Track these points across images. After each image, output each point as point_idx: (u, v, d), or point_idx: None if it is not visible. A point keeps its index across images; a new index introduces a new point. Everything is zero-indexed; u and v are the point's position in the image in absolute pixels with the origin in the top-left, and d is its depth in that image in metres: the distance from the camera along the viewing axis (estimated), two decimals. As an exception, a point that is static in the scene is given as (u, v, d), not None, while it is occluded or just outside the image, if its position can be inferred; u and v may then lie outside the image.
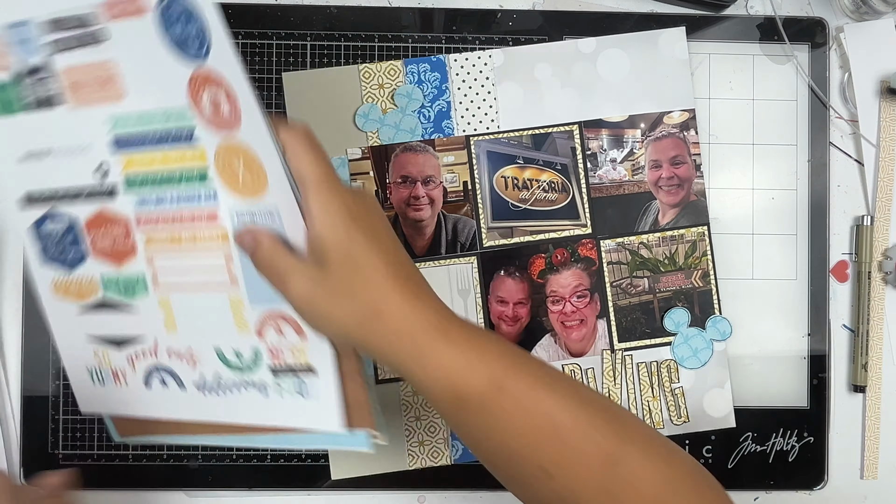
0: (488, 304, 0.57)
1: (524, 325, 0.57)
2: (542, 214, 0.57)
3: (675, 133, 0.58)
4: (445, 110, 0.57)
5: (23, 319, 0.56)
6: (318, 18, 0.58)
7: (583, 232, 0.58)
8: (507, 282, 0.57)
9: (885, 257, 0.59)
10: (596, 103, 0.58)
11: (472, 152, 0.57)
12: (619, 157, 0.58)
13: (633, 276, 0.58)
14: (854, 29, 0.60)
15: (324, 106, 0.57)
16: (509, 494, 0.58)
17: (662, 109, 0.58)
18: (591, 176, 0.58)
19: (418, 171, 0.57)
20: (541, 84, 0.58)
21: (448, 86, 0.57)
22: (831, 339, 0.59)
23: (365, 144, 0.57)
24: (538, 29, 0.58)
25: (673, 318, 0.57)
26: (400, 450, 0.56)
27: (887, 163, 0.59)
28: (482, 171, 0.57)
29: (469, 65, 0.57)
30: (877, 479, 0.59)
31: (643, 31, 0.58)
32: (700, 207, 0.58)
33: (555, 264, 0.57)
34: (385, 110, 0.57)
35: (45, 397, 0.56)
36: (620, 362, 0.57)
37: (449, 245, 0.57)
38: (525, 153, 0.57)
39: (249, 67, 0.58)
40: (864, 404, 0.59)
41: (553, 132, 0.57)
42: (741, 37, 0.60)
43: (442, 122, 0.57)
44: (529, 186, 0.57)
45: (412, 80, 0.57)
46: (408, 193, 0.57)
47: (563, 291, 0.57)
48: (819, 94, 0.59)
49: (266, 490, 0.57)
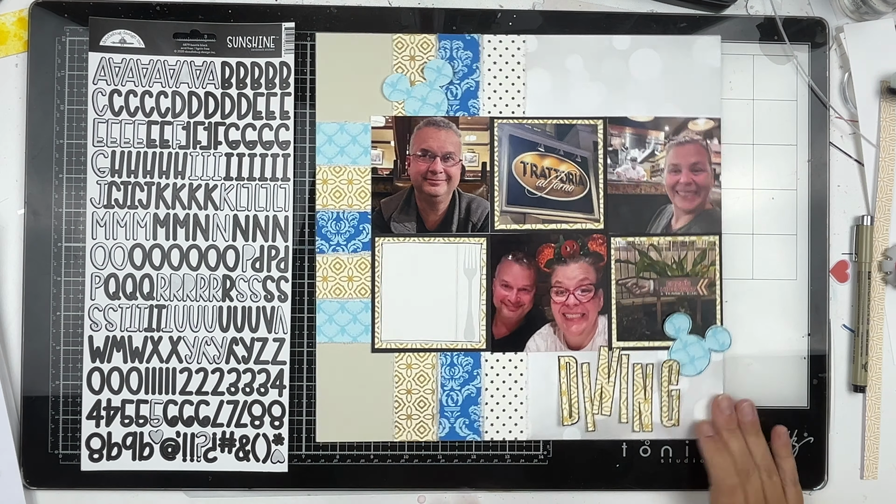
0: (493, 286, 0.57)
1: (525, 312, 0.57)
2: (556, 204, 0.57)
3: (698, 140, 0.58)
4: (473, 89, 0.57)
5: (23, 319, 0.56)
6: (318, 18, 0.58)
7: (595, 227, 0.58)
8: (513, 267, 0.57)
9: (885, 257, 0.59)
10: (623, 101, 0.58)
11: (495, 134, 0.57)
12: (639, 156, 0.58)
13: (640, 276, 0.58)
14: (854, 29, 0.60)
15: (353, 70, 0.57)
16: (509, 495, 0.58)
17: (688, 115, 0.58)
18: (610, 172, 0.58)
19: (439, 147, 0.57)
20: (570, 75, 0.58)
21: (479, 66, 0.57)
22: (831, 339, 0.59)
23: (389, 114, 0.57)
24: (538, 29, 0.58)
25: (674, 323, 0.57)
26: (387, 420, 0.57)
27: (887, 163, 0.59)
28: (502, 153, 0.57)
29: (502, 47, 0.58)
30: (877, 479, 0.59)
31: (679, 35, 0.58)
32: (714, 217, 0.58)
33: (563, 255, 0.57)
34: (413, 83, 0.57)
35: (45, 397, 0.56)
36: (616, 360, 0.57)
37: (461, 223, 0.57)
38: (547, 141, 0.57)
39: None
40: (864, 404, 0.59)
41: (577, 124, 0.58)
42: (741, 37, 0.59)
43: (468, 100, 0.57)
44: (547, 175, 0.57)
45: (444, 56, 0.57)
46: (426, 167, 0.57)
47: (568, 283, 0.57)
48: (819, 94, 0.59)
49: (266, 490, 0.57)
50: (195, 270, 0.56)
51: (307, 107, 0.57)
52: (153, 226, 0.56)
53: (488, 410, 0.57)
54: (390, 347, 0.57)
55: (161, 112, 0.56)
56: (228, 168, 0.56)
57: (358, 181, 0.57)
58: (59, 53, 0.57)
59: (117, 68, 0.56)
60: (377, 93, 0.57)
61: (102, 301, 0.56)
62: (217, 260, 0.56)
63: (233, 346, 0.56)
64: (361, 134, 0.57)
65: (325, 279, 0.57)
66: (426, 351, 0.57)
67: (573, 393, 0.57)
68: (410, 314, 0.57)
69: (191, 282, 0.56)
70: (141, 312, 0.56)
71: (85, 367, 0.56)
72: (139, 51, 0.56)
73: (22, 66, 0.57)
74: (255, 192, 0.56)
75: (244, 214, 0.56)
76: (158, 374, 0.56)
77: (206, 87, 0.56)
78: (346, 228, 0.57)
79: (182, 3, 0.57)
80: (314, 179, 0.57)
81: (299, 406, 0.57)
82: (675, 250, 0.58)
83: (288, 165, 0.56)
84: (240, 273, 0.56)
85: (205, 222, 0.56)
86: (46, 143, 0.56)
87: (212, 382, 0.56)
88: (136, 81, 0.56)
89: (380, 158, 0.57)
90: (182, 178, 0.56)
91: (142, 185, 0.56)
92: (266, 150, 0.56)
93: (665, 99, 0.58)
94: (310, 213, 0.57)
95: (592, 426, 0.57)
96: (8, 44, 0.57)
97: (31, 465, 0.56)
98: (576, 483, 0.58)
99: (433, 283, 0.57)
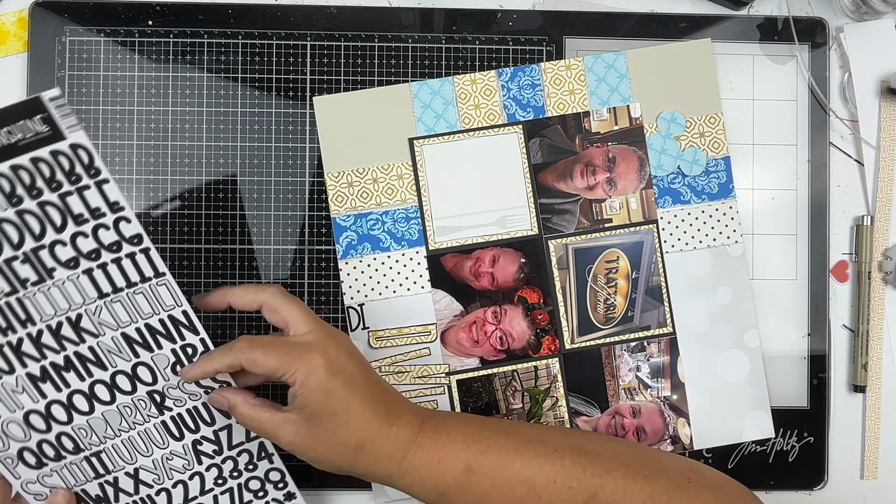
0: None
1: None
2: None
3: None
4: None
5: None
6: (318, 18, 0.58)
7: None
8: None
9: (885, 257, 0.59)
10: None
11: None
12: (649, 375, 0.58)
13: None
14: (854, 29, 0.60)
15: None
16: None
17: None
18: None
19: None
20: None
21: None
22: (831, 339, 0.59)
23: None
24: (538, 29, 0.58)
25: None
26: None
27: (887, 163, 0.59)
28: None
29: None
30: (877, 479, 0.59)
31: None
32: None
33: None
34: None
35: None
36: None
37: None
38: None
39: (250, 67, 0.58)
40: (864, 404, 0.59)
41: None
42: (741, 37, 0.59)
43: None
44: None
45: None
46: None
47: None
48: (819, 94, 0.59)
49: None
50: (112, 403, 0.47)
51: (307, 107, 0.57)
52: (33, 385, 0.45)
53: None
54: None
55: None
56: (82, 291, 0.45)
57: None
58: (59, 53, 0.57)
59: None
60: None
61: (30, 474, 0.47)
62: (131, 383, 0.47)
63: (197, 447, 0.49)
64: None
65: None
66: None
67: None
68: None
69: (115, 416, 0.47)
70: (79, 467, 0.47)
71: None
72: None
73: (22, 66, 0.57)
74: (132, 302, 0.46)
75: (133, 328, 0.46)
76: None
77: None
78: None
79: (182, 4, 0.57)
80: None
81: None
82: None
83: (154, 259, 0.45)
84: (164, 383, 0.47)
85: (92, 354, 0.46)
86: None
87: (195, 487, 0.50)
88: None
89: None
90: (33, 325, 0.45)
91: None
92: (115, 252, 0.45)
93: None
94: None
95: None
96: (8, 44, 0.57)
97: (31, 465, 0.56)
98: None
99: (480, 177, 0.58)
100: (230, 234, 0.57)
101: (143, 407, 0.48)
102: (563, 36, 0.58)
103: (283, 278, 0.57)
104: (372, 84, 0.58)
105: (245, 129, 0.58)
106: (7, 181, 0.42)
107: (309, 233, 0.57)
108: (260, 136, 0.58)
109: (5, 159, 0.42)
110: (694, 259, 0.58)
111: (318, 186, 0.58)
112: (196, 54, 0.57)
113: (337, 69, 0.58)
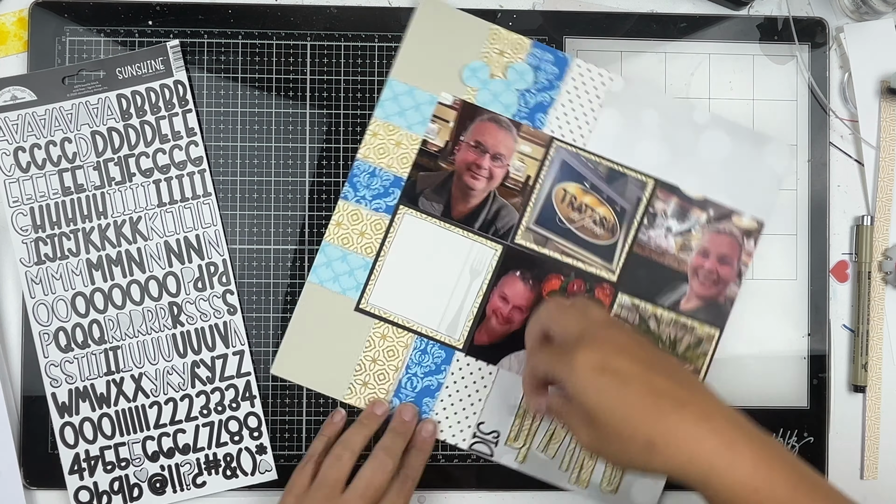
0: (491, 293, 0.57)
1: (512, 330, 0.57)
2: (581, 242, 0.57)
3: (736, 235, 0.57)
4: (546, 104, 0.57)
5: (23, 319, 0.56)
6: (318, 18, 0.58)
7: (608, 277, 0.57)
8: (517, 284, 0.57)
9: (885, 257, 0.59)
10: (681, 171, 0.57)
11: (550, 154, 0.57)
12: (675, 228, 0.57)
13: None
14: (854, 29, 0.60)
15: (442, 42, 0.57)
16: (508, 494, 0.58)
17: (737, 208, 0.57)
18: (643, 232, 0.57)
19: (493, 144, 0.57)
20: (641, 127, 0.57)
21: (560, 84, 0.57)
22: (831, 339, 0.59)
23: (460, 96, 0.57)
24: (538, 29, 0.58)
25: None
26: (343, 379, 0.56)
27: (887, 163, 0.59)
28: (549, 174, 0.57)
29: (589, 77, 0.57)
30: (877, 479, 0.59)
31: (758, 132, 0.58)
32: (723, 312, 0.57)
33: (568, 291, 0.57)
34: (493, 76, 0.57)
35: (45, 397, 0.56)
36: None
37: (485, 224, 0.57)
38: (595, 180, 0.57)
39: (250, 67, 0.58)
40: (864, 404, 0.59)
41: (630, 175, 0.57)
42: (741, 37, 0.59)
43: (537, 112, 0.57)
44: (583, 210, 0.57)
45: (531, 63, 0.57)
46: (473, 159, 0.57)
47: None
48: (819, 94, 0.59)
49: (267, 490, 0.57)
50: (140, 305, 0.56)
51: (307, 107, 0.57)
52: (88, 271, 0.55)
53: (440, 407, 0.57)
54: (373, 312, 0.57)
55: (69, 158, 0.56)
56: (148, 197, 0.56)
57: (405, 146, 0.57)
58: (59, 54, 0.57)
59: (15, 125, 0.55)
60: (455, 72, 0.57)
61: (56, 356, 0.55)
62: (159, 290, 0.56)
63: (195, 370, 0.56)
64: (426, 104, 0.57)
65: (339, 224, 0.57)
66: (405, 329, 0.57)
67: (526, 423, 0.57)
68: (404, 289, 0.57)
69: (138, 317, 0.56)
70: (97, 358, 0.55)
71: (55, 424, 0.55)
72: (32, 103, 0.56)
73: (22, 66, 0.57)
74: (180, 214, 0.56)
75: (174, 238, 0.56)
76: (129, 414, 0.56)
77: (108, 123, 0.56)
78: (377, 186, 0.57)
79: (182, 4, 0.57)
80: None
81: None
82: (674, 328, 0.57)
83: (206, 181, 0.56)
84: (184, 297, 0.56)
85: (138, 255, 0.56)
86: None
87: (183, 410, 0.56)
88: (37, 134, 0.56)
89: (434, 134, 0.57)
90: (105, 218, 0.56)
91: (67, 235, 0.55)
92: (181, 170, 0.56)
93: (720, 184, 0.57)
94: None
95: (523, 459, 0.57)
96: (8, 44, 0.57)
97: (31, 465, 0.56)
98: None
99: (437, 269, 0.57)
100: (230, 234, 0.57)
101: (161, 315, 0.56)
102: (563, 36, 0.59)
103: (283, 278, 0.57)
104: (372, 84, 0.58)
105: (245, 129, 0.58)
106: (126, 101, 0.56)
107: (309, 233, 0.57)
108: (260, 136, 0.58)
109: (131, 86, 0.56)
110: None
111: (318, 186, 0.58)
112: (196, 54, 0.57)
113: (337, 69, 0.58)
